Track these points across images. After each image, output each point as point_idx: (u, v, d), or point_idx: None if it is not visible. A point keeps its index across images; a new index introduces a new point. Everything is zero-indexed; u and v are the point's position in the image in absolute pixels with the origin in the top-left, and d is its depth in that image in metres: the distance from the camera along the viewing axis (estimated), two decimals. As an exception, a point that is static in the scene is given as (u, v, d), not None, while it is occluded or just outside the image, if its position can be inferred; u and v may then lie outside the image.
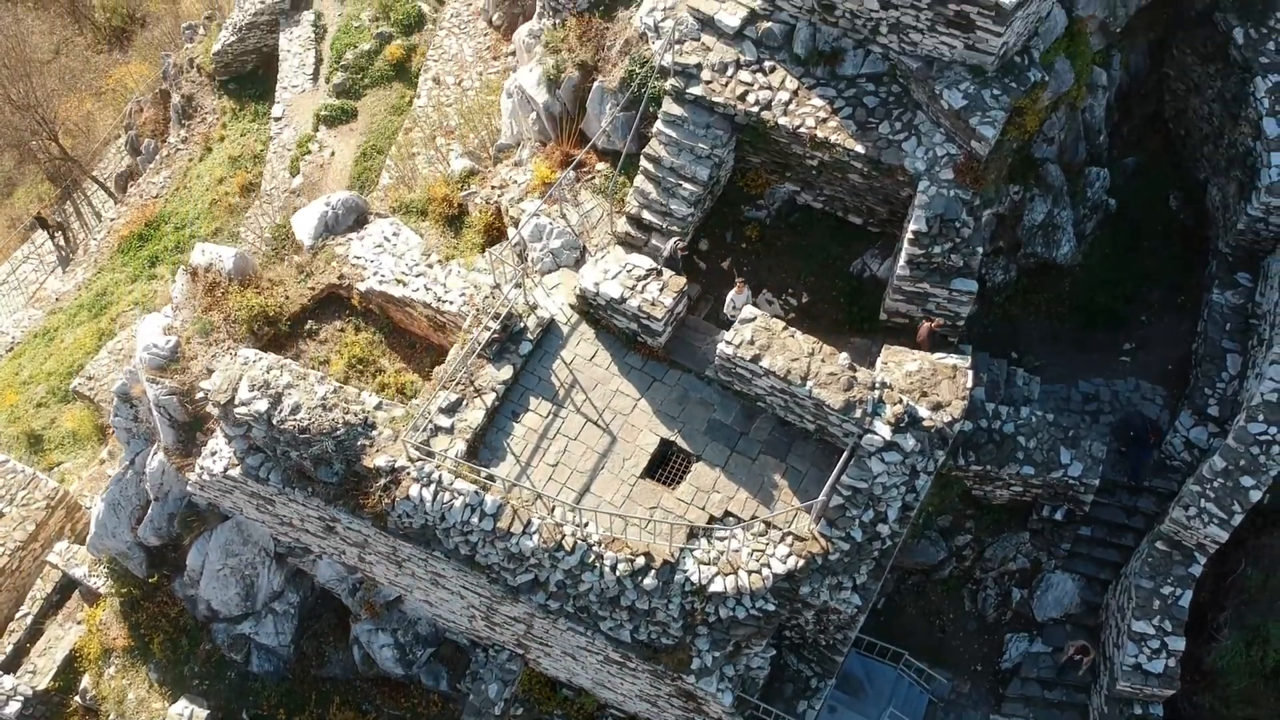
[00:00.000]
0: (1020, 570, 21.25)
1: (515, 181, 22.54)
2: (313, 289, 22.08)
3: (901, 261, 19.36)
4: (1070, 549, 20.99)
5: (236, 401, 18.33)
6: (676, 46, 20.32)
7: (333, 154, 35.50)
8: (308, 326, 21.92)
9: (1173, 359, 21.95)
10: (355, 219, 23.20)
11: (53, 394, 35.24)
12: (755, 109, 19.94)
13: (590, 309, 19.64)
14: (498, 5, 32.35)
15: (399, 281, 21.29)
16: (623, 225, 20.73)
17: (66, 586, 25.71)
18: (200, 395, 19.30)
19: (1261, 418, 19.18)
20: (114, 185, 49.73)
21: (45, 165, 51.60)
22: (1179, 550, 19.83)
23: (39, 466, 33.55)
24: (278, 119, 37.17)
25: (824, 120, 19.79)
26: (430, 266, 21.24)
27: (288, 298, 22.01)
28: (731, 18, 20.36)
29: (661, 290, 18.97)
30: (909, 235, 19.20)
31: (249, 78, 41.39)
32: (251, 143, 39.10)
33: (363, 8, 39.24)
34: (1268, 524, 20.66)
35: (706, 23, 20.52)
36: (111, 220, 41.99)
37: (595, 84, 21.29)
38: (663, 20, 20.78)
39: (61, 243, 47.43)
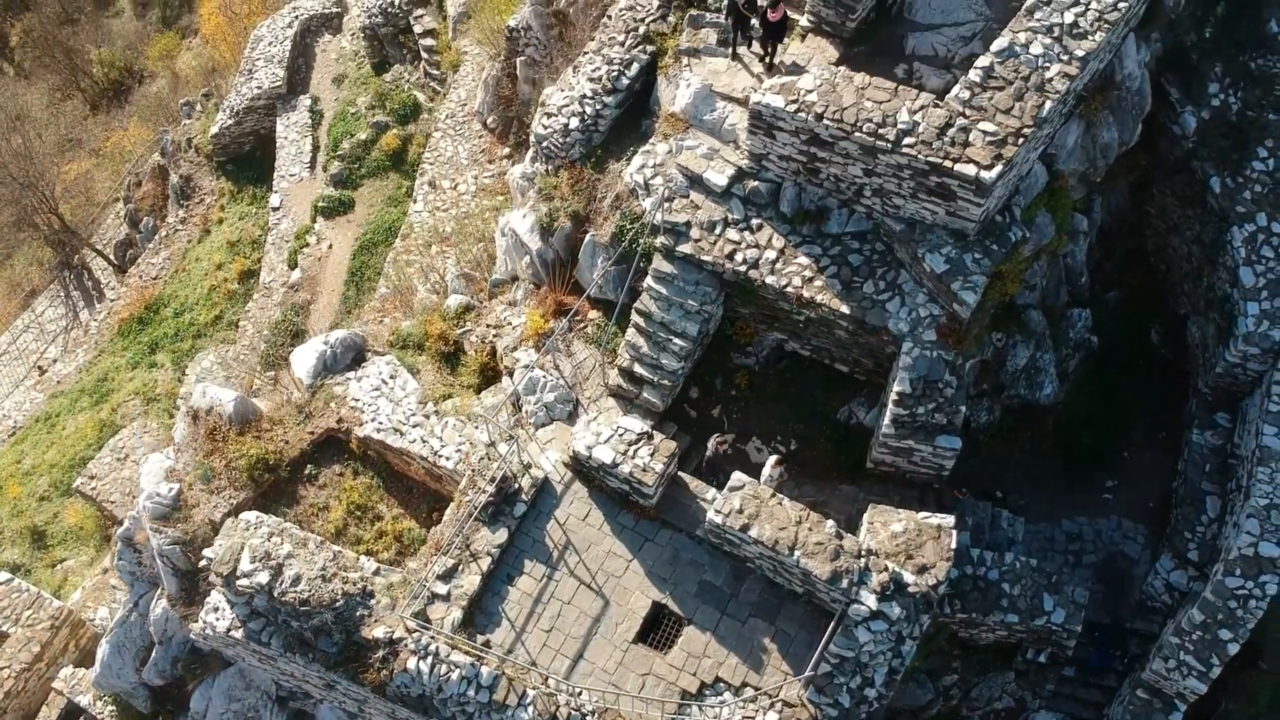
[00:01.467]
0: (1005, 709, 21.72)
1: (510, 323, 23.01)
2: (312, 433, 22.54)
3: (886, 420, 19.82)
4: (1054, 689, 21.47)
5: (239, 573, 18.80)
6: (666, 204, 20.81)
7: (330, 246, 36.04)
8: (308, 471, 22.37)
9: (1154, 496, 22.44)
10: (353, 358, 23.68)
11: (55, 487, 35.74)
12: (743, 267, 20.43)
13: (583, 469, 20.12)
14: (492, 109, 32.84)
15: (396, 430, 21.77)
16: (615, 378, 21.22)
17: (72, 713, 26.17)
18: (203, 563, 19.72)
19: (1239, 572, 19.70)
20: (113, 253, 50.28)
21: (45, 232, 52.00)
22: (1159, 698, 20.34)
23: (42, 563, 34.12)
24: (276, 209, 37.67)
25: (810, 279, 20.27)
26: (427, 417, 21.71)
27: (287, 442, 22.46)
28: (719, 176, 20.85)
29: (652, 455, 19.44)
30: (893, 396, 19.67)
31: (247, 159, 41.91)
32: (250, 228, 39.62)
33: (359, 93, 39.78)
34: (1247, 663, 21.13)
35: (695, 180, 21.01)
36: (112, 301, 42.43)
37: (587, 237, 21.77)
38: (652, 177, 21.26)
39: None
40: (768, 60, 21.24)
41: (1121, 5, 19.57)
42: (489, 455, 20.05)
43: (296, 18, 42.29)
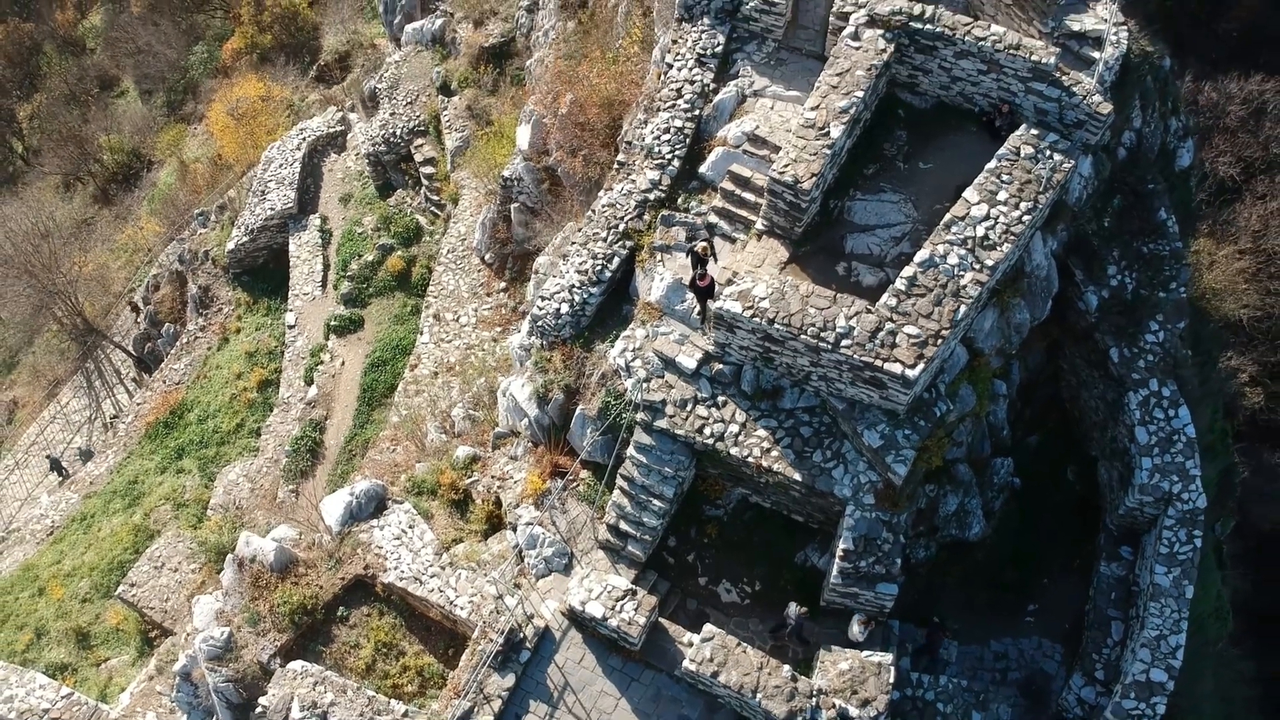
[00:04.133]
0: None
1: (512, 477, 26.56)
2: (343, 578, 26.05)
3: (834, 572, 23.40)
4: (985, 792, 25.02)
5: (291, 719, 22.29)
6: (644, 384, 24.41)
7: (343, 363, 39.51)
8: (340, 612, 25.86)
9: (1069, 619, 26.03)
10: (376, 506, 27.20)
11: (96, 589, 39.08)
12: (711, 440, 24.02)
13: (577, 619, 23.67)
14: (489, 247, 36.40)
15: (416, 579, 25.31)
16: (604, 532, 24.78)
17: (133, 820, 29.55)
18: (258, 710, 23.16)
19: (1134, 695, 23.33)
20: (132, 346, 53.72)
21: (68, 327, 55.31)
22: (1073, 803, 23.94)
23: (88, 662, 37.48)
24: (291, 327, 41.10)
25: (767, 450, 23.86)
26: (443, 568, 25.26)
27: (321, 587, 25.97)
28: (689, 360, 24.45)
29: (636, 610, 23.00)
30: (839, 552, 23.26)
31: (261, 270, 45.43)
32: (266, 338, 43.08)
33: (364, 213, 43.32)
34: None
35: (669, 363, 24.60)
36: (138, 405, 45.81)
37: (578, 409, 25.35)
38: (632, 360, 24.86)
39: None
40: (700, 314, 24.41)
41: (1026, 219, 23.24)
42: (498, 608, 23.59)
43: (304, 140, 45.83)
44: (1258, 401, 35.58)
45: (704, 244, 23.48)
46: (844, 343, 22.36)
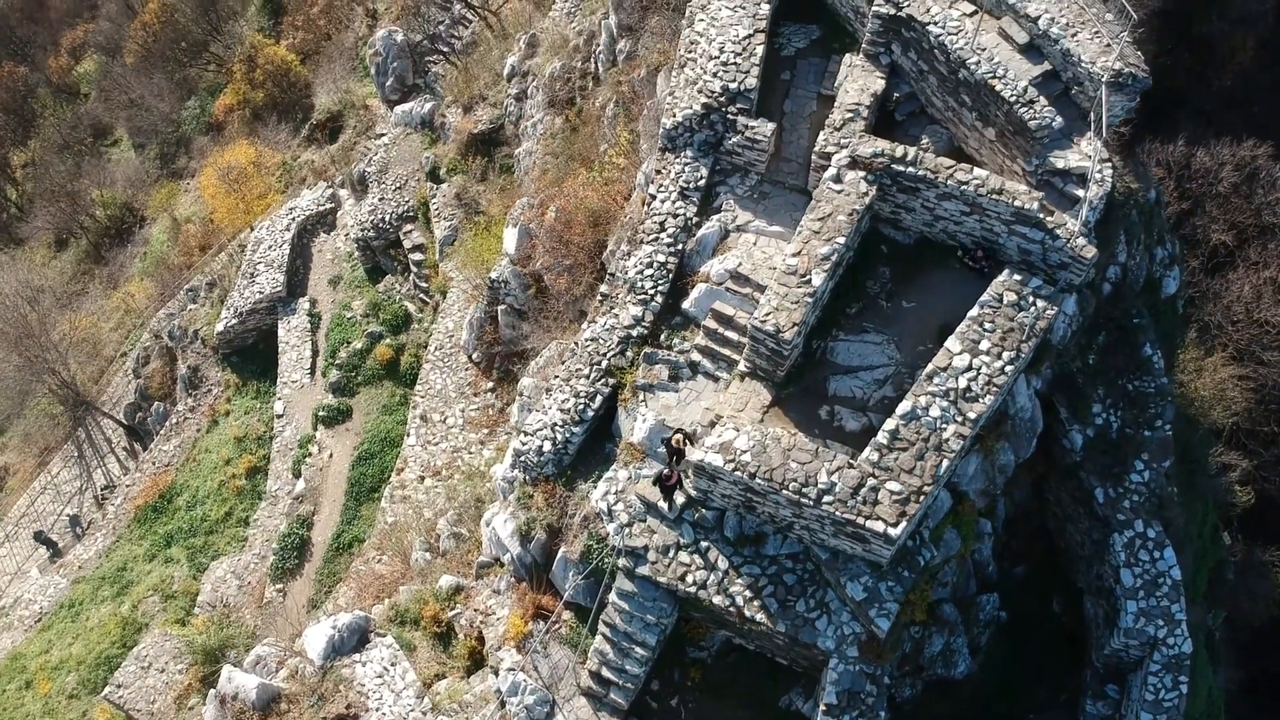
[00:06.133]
0: None
1: (495, 613, 26.41)
2: (325, 717, 25.89)
3: (818, 725, 23.27)
4: None
5: None
6: (626, 530, 24.26)
7: (331, 455, 39.39)
8: (322, 754, 25.74)
9: (1056, 756, 25.90)
10: (358, 639, 27.07)
11: (83, 685, 38.94)
12: (693, 588, 23.86)
13: (559, 773, 23.56)
14: (476, 346, 36.29)
15: (398, 723, 25.17)
16: (586, 679, 24.62)
17: None
18: None
19: (1121, 843, 23.21)
20: (123, 414, 53.57)
21: (59, 394, 55.17)
22: None
23: (74, 762, 37.31)
24: (279, 416, 40.98)
25: (750, 599, 23.70)
26: (425, 713, 25.09)
27: (303, 727, 25.84)
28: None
29: (617, 768, 22.87)
30: (823, 707, 23.09)
31: (250, 350, 45.36)
32: (255, 423, 42.97)
33: (354, 296, 43.24)
34: None
35: (651, 507, 24.44)
36: (128, 486, 45.68)
37: (560, 552, 25.21)
38: (615, 503, 24.70)
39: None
40: (667, 503, 24.07)
41: (1008, 369, 23.12)
42: (479, 763, 23.46)
43: (294, 220, 45.74)
44: (1248, 500, 35.37)
45: (679, 436, 23.44)
46: (826, 499, 22.22)
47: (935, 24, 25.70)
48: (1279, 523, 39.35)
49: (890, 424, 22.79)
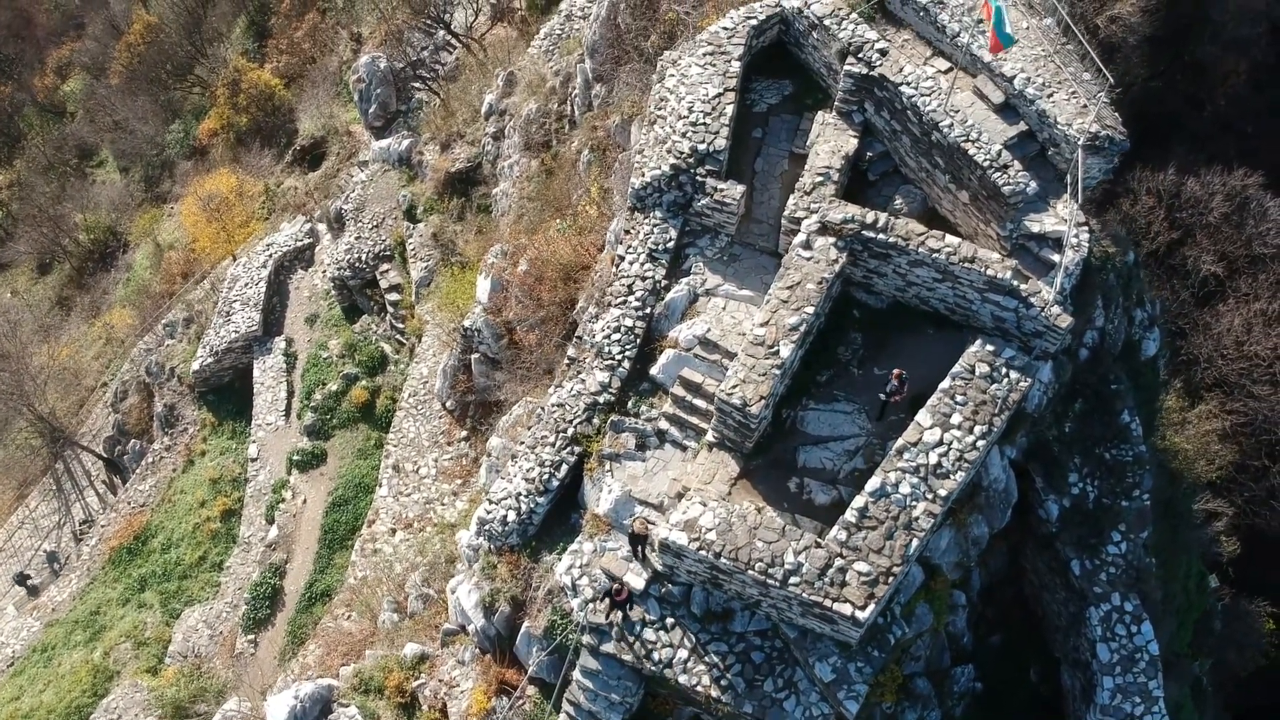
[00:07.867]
0: None
1: (459, 685, 25.85)
2: (283, 796, 25.34)
3: (785, 808, 22.68)
4: None
5: None
6: (591, 605, 23.68)
7: (305, 501, 38.84)
8: (281, 830, 25.17)
9: (1032, 833, 25.34)
10: (321, 710, 26.51)
11: (52, 735, 38.39)
12: (659, 667, 23.27)
13: None
14: (449, 394, 35.73)
15: (358, 803, 24.60)
16: (550, 759, 24.08)
17: None
18: None
19: None
20: (102, 448, 53.02)
21: (38, 426, 54.62)
22: None
23: (42, 815, 36.75)
24: (254, 459, 40.41)
25: (717, 679, 23.11)
26: (385, 795, 24.56)
27: (262, 803, 25.27)
28: (638, 580, 23.71)
29: None
30: (790, 790, 22.54)
31: (227, 389, 44.81)
32: (230, 464, 42.41)
33: (330, 335, 42.68)
34: None
35: (616, 582, 23.86)
36: (103, 527, 45.11)
37: (524, 626, 24.64)
38: (579, 578, 24.12)
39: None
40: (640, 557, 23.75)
41: (981, 444, 22.56)
42: (438, 847, 22.88)
43: (270, 256, 45.16)
44: (1234, 550, 34.78)
45: (641, 521, 22.96)
46: (792, 579, 21.66)
47: (908, 84, 25.16)
48: (1269, 560, 38.75)
49: (859, 501, 22.23)
